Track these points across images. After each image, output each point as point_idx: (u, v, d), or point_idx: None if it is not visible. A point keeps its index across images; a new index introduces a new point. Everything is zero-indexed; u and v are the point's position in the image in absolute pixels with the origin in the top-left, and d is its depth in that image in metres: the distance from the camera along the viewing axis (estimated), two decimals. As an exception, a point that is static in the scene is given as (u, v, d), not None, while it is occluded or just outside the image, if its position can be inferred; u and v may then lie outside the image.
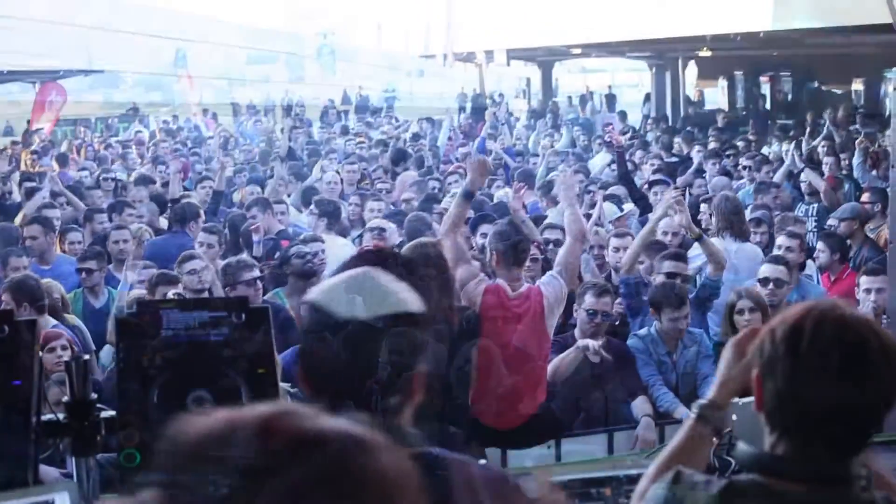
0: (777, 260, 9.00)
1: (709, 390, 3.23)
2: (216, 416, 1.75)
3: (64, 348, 7.29)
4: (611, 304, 8.17)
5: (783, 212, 12.26)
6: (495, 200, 12.67)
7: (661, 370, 8.08)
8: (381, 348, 2.76)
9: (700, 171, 15.98)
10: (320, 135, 27.35)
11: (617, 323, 8.61)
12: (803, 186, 13.74)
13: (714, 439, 3.26)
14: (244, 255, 9.82)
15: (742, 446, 2.83)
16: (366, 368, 2.75)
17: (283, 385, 6.88)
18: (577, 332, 7.99)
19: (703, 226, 11.27)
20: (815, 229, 12.38)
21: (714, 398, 3.18)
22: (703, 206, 11.71)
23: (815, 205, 13.25)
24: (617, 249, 9.77)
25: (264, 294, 9.07)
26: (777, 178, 14.37)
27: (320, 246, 10.12)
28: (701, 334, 8.30)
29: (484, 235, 10.08)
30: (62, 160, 21.43)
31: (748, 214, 11.31)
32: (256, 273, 8.85)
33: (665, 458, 3.14)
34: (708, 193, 13.08)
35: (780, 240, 9.77)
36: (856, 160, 16.00)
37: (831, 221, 11.44)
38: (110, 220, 12.53)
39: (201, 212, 12.26)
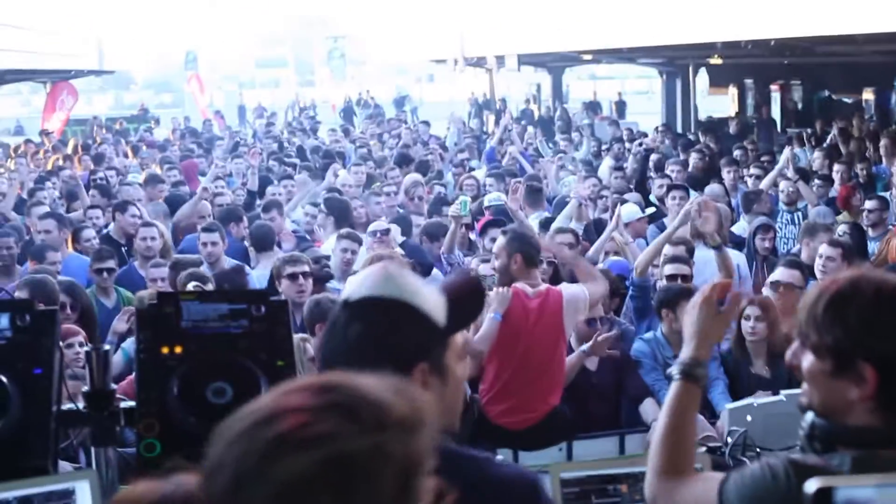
0: (793, 264, 8.89)
1: (686, 348, 3.35)
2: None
3: (81, 345, 7.30)
4: (604, 311, 8.21)
5: (768, 219, 12.29)
6: (486, 203, 12.67)
7: (667, 373, 8.06)
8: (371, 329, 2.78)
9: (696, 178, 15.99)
10: (330, 136, 27.43)
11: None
12: (782, 196, 13.72)
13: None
14: (294, 252, 9.81)
15: (826, 424, 2.87)
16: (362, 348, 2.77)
17: None
18: (573, 339, 7.99)
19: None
20: (795, 237, 12.29)
21: (695, 355, 3.31)
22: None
23: (797, 213, 13.26)
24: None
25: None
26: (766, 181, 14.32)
27: (354, 245, 10.14)
28: None
29: (493, 240, 10.14)
30: (98, 160, 21.54)
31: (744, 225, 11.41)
32: (302, 268, 8.80)
33: (666, 423, 3.24)
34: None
35: (822, 249, 9.50)
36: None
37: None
38: (114, 218, 12.59)
39: (244, 216, 12.37)
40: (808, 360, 2.89)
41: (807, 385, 2.93)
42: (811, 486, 1.79)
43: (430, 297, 2.83)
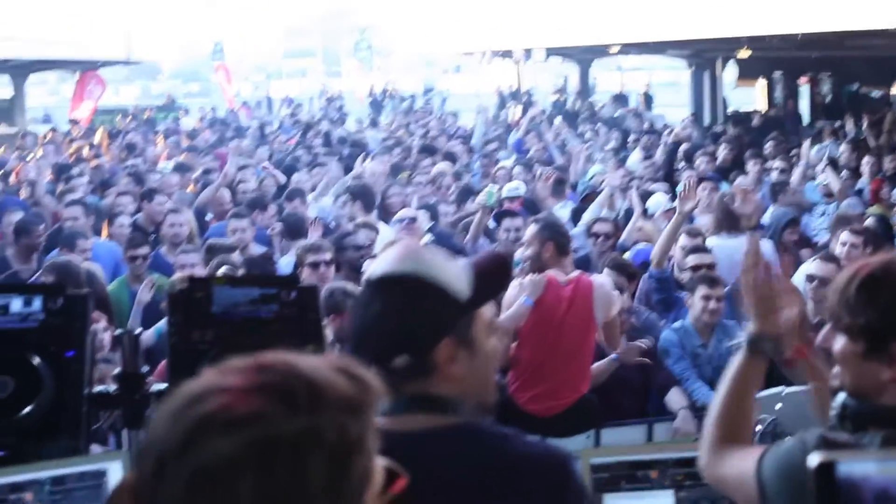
0: (829, 258, 8.74)
1: (751, 323, 3.32)
2: None
3: (105, 330, 7.37)
4: (630, 301, 8.21)
5: (802, 213, 12.25)
6: (505, 194, 12.59)
7: (695, 363, 8.06)
8: (402, 305, 2.77)
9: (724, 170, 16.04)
10: (357, 126, 27.49)
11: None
12: (821, 188, 13.70)
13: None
14: (316, 240, 9.82)
15: (858, 404, 2.88)
16: (388, 322, 2.77)
17: None
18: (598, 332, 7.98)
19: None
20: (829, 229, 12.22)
21: (759, 329, 3.28)
22: None
23: (833, 204, 13.22)
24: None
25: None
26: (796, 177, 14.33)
27: (373, 235, 10.18)
28: (734, 326, 8.21)
29: (507, 230, 10.21)
30: (129, 149, 21.59)
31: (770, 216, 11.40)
32: (324, 257, 8.77)
33: (727, 393, 3.23)
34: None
35: (844, 236, 9.40)
36: None
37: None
38: (139, 209, 12.68)
39: (268, 204, 12.39)
40: (840, 342, 2.91)
41: (839, 367, 2.94)
42: (813, 460, 1.80)
43: (451, 270, 2.81)
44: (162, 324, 7.89)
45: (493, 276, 2.94)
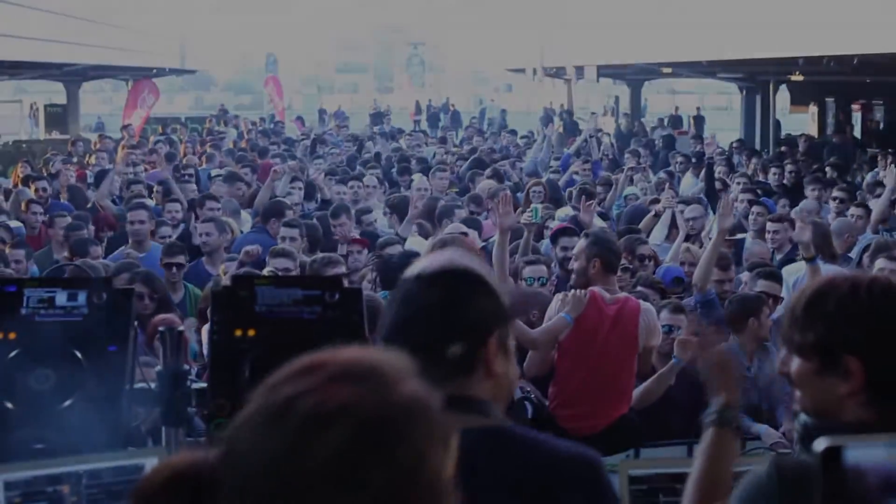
0: None
1: (715, 398, 3.37)
2: None
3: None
4: (685, 320, 8.12)
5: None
6: (558, 221, 12.52)
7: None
8: (451, 303, 2.78)
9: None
10: (408, 142, 27.49)
11: None
12: None
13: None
14: (330, 253, 9.76)
15: (819, 423, 2.81)
16: (432, 321, 2.77)
17: None
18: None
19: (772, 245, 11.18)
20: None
21: (724, 401, 3.31)
22: (770, 226, 11.49)
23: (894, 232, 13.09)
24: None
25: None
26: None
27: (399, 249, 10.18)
28: (773, 349, 8.11)
29: (564, 248, 10.13)
30: (170, 158, 21.67)
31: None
32: (340, 269, 8.78)
33: (700, 472, 3.23)
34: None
35: (880, 262, 9.37)
36: None
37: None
38: (196, 216, 12.69)
39: (286, 210, 12.27)
40: (795, 364, 2.87)
41: (797, 389, 2.90)
42: (819, 444, 1.77)
43: (496, 279, 2.87)
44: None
45: (522, 302, 2.97)
